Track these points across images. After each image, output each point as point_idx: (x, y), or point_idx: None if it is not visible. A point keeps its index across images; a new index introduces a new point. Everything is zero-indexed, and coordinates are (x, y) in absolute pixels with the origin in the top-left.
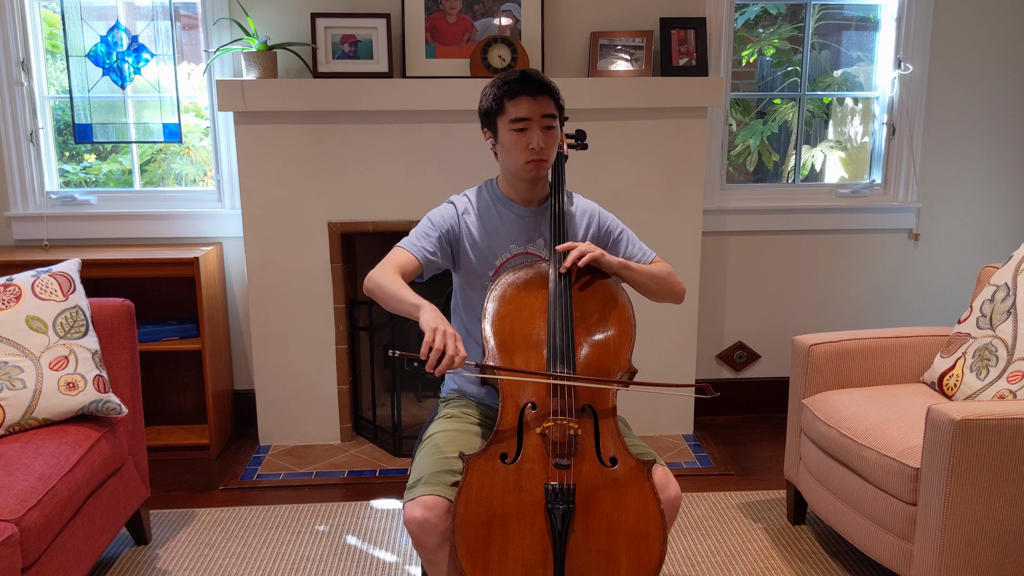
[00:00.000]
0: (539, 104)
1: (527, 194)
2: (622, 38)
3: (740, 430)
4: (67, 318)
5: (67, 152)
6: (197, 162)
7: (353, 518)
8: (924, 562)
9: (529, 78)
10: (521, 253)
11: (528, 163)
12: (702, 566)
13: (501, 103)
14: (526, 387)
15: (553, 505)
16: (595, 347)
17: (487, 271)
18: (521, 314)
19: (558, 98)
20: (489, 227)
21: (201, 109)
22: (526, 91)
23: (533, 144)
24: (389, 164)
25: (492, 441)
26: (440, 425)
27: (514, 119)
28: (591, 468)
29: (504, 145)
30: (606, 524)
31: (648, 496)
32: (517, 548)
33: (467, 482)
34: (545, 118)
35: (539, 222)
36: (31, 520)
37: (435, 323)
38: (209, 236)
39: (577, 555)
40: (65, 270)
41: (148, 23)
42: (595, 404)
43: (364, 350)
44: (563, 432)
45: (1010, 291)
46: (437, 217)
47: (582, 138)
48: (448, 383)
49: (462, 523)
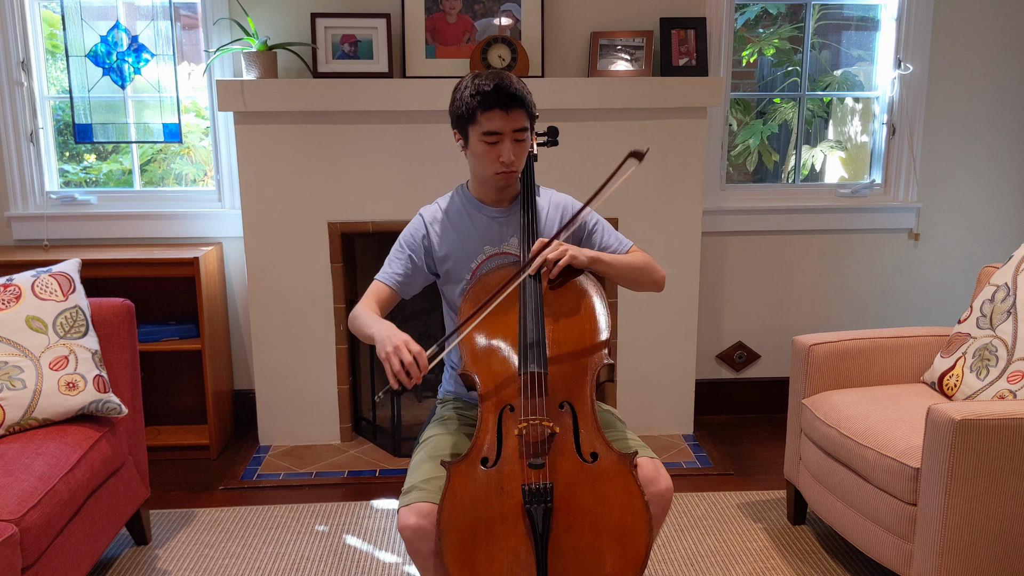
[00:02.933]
0: (511, 119)
1: (497, 196)
2: (622, 38)
3: (740, 430)
4: (67, 318)
5: (67, 152)
6: (197, 162)
7: (353, 518)
8: (924, 562)
9: (503, 92)
10: (496, 254)
11: (498, 175)
12: (702, 566)
13: (474, 114)
14: (503, 389)
15: (531, 505)
16: (567, 343)
17: (464, 275)
18: (493, 314)
19: (531, 108)
20: (461, 231)
21: (201, 109)
22: (499, 105)
23: (504, 158)
24: (389, 164)
25: (473, 446)
26: (435, 429)
27: (486, 131)
28: (571, 465)
29: (474, 153)
30: (589, 520)
31: (631, 488)
32: (502, 551)
33: (450, 488)
34: (516, 132)
35: (511, 221)
36: (31, 520)
37: (383, 348)
38: (209, 236)
39: (560, 554)
40: (65, 270)
41: (148, 23)
42: (573, 399)
43: (364, 350)
44: (539, 431)
45: (1010, 291)
46: (407, 236)
47: (554, 135)
48: (444, 385)
49: (448, 529)
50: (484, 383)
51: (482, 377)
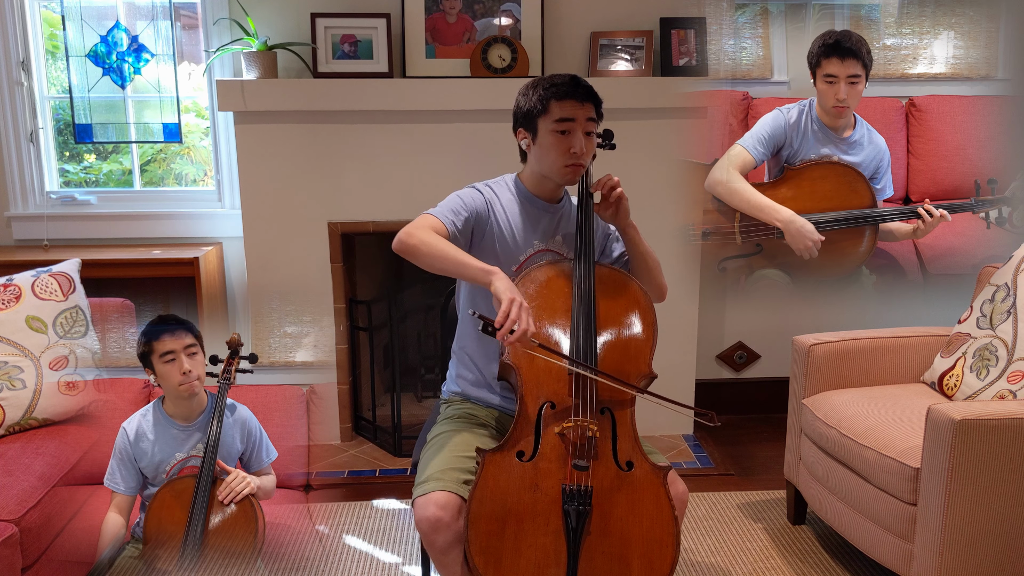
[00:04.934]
0: (585, 109)
1: (553, 193)
2: (622, 38)
3: (740, 430)
4: (67, 318)
5: (67, 152)
6: (197, 162)
7: (353, 518)
8: (924, 562)
9: (579, 83)
10: (543, 250)
11: (567, 167)
12: (702, 566)
13: (547, 103)
14: (546, 384)
15: (569, 506)
16: (617, 348)
17: (511, 266)
18: (545, 311)
19: (600, 108)
20: (514, 221)
21: (201, 109)
22: (575, 95)
23: (575, 148)
24: (389, 164)
25: (509, 438)
26: (445, 426)
27: (559, 119)
28: (607, 471)
29: (543, 146)
30: (620, 528)
31: (663, 502)
32: (531, 547)
33: (483, 477)
34: (589, 122)
35: (559, 219)
36: (31, 520)
37: (512, 293)
38: (209, 236)
39: (590, 557)
40: (65, 270)
41: (148, 23)
42: (613, 406)
43: (364, 350)
44: (582, 433)
45: (1010, 291)
46: (468, 198)
47: (609, 138)
48: (450, 384)
49: (476, 518)
50: (527, 376)
51: (525, 370)
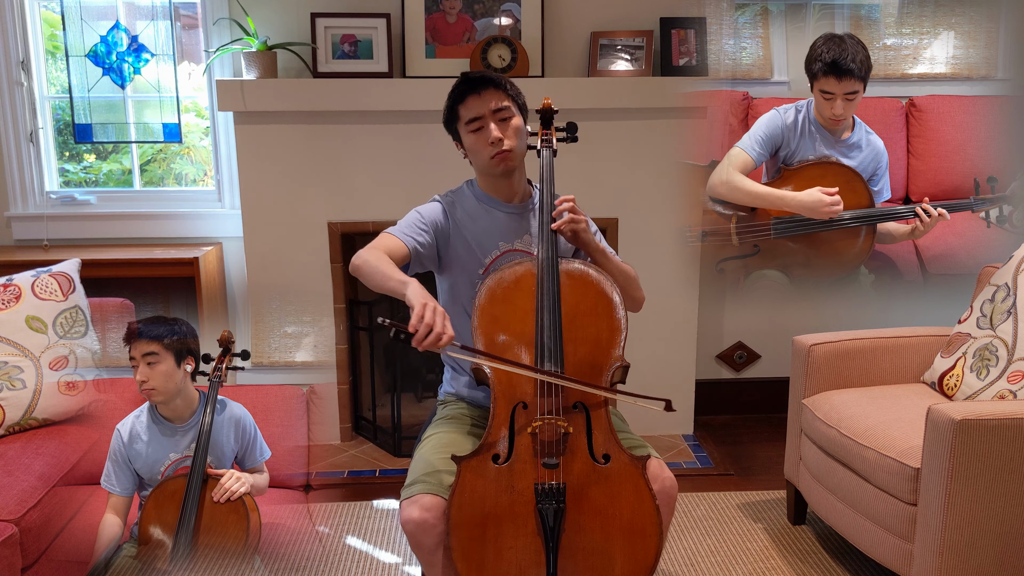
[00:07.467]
0: (485, 99)
1: (508, 191)
2: (622, 38)
3: (740, 430)
4: (67, 318)
5: (67, 152)
6: (197, 162)
7: (353, 518)
8: (924, 562)
9: (468, 77)
10: (511, 250)
11: (493, 157)
12: (702, 566)
13: (454, 111)
14: (517, 386)
15: (543, 505)
16: (584, 343)
17: (477, 269)
18: (510, 311)
19: (507, 88)
20: (477, 225)
21: (201, 109)
22: (470, 90)
23: (491, 137)
24: (389, 164)
25: (484, 442)
26: (437, 428)
27: (467, 121)
28: (583, 465)
29: (470, 149)
30: (600, 521)
31: (643, 492)
32: (511, 549)
33: (460, 483)
34: (497, 112)
35: (525, 219)
36: (31, 520)
37: (424, 299)
38: (209, 236)
39: (570, 554)
40: (65, 270)
41: (148, 23)
42: (587, 400)
43: (364, 350)
44: (553, 431)
45: (1010, 291)
46: (426, 211)
47: (573, 130)
48: (445, 386)
49: (456, 524)
50: (498, 378)
51: (496, 372)
